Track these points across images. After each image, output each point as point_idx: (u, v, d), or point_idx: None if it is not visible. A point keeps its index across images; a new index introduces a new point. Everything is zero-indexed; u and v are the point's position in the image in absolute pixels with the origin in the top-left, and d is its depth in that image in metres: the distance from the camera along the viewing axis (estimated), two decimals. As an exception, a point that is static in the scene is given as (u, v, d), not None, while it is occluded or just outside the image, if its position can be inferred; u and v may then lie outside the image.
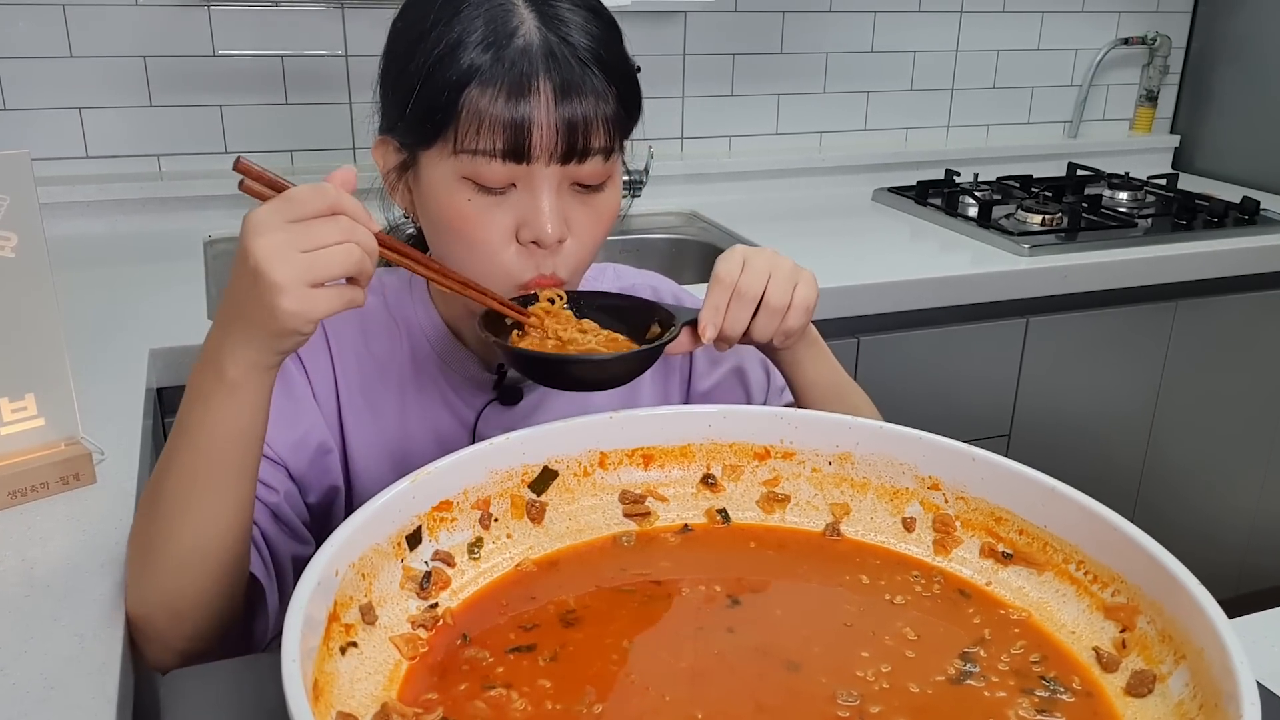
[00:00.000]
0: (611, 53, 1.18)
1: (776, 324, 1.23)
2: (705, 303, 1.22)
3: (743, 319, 1.22)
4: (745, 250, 1.24)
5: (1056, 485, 1.03)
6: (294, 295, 0.94)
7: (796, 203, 3.05)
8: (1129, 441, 2.84)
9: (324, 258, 0.95)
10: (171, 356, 1.83)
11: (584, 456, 1.15)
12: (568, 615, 1.00)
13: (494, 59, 1.12)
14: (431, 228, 1.23)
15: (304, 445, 1.30)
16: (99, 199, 2.51)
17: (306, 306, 0.95)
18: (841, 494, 1.17)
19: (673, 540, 1.14)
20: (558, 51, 1.13)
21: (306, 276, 0.94)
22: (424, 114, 1.16)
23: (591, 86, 1.14)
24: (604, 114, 1.15)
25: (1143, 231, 2.77)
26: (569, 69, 1.13)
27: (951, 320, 2.46)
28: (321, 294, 0.96)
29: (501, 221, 1.17)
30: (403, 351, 1.36)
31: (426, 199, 1.21)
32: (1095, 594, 0.99)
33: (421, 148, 1.19)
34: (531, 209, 1.16)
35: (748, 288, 1.21)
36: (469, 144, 1.14)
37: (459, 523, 1.06)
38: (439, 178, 1.18)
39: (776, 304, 1.22)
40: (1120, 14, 3.46)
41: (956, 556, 1.10)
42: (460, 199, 1.17)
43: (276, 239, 0.95)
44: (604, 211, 1.22)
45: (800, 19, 3.08)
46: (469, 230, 1.18)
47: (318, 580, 0.87)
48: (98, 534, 1.29)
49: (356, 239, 0.96)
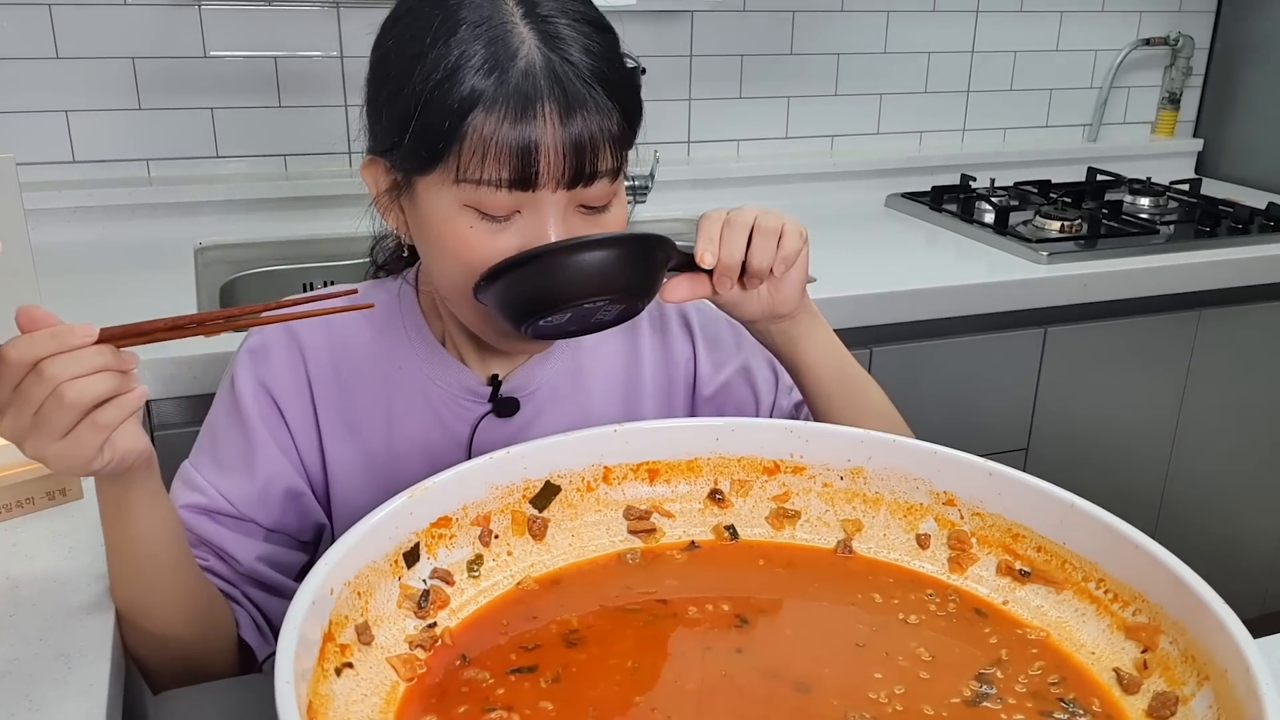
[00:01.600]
0: (614, 68, 1.17)
1: (773, 248, 1.23)
2: (698, 235, 1.22)
3: (739, 241, 1.22)
4: (723, 211, 1.25)
5: (1076, 501, 1.03)
6: (52, 462, 0.96)
7: (807, 209, 3.04)
8: (1151, 456, 2.83)
9: (50, 418, 0.94)
10: (161, 368, 1.83)
11: (587, 471, 1.15)
12: (570, 635, 1.00)
13: (497, 83, 1.10)
14: (429, 251, 1.22)
15: (268, 496, 1.31)
16: (86, 205, 2.51)
17: (70, 463, 0.97)
18: (854, 510, 1.17)
19: (679, 558, 1.14)
20: (560, 72, 1.11)
21: (48, 443, 0.95)
22: (423, 141, 1.14)
23: (595, 106, 1.13)
24: (609, 133, 1.14)
25: (1165, 238, 2.76)
26: (573, 90, 1.12)
27: (967, 330, 2.46)
28: (82, 441, 0.95)
29: (506, 249, 1.15)
30: (387, 367, 1.35)
31: (425, 225, 1.19)
32: (1116, 613, 0.99)
33: (418, 174, 1.17)
34: (537, 235, 1.15)
35: (738, 216, 1.23)
36: (473, 173, 1.12)
37: (458, 539, 1.07)
38: (439, 205, 1.16)
39: (769, 226, 1.23)
40: (1142, 14, 3.46)
41: (972, 574, 1.10)
42: (462, 226, 1.15)
43: (6, 421, 0.95)
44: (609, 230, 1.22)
45: (811, 19, 3.08)
46: (466, 255, 1.16)
47: (312, 599, 0.87)
48: (85, 551, 1.29)
49: (71, 376, 0.93)
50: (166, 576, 1.14)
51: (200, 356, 1.84)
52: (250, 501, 1.29)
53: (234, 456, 1.30)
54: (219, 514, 1.28)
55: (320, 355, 1.33)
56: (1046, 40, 3.39)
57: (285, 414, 1.32)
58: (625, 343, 1.42)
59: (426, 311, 1.36)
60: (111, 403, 0.95)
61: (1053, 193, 3.11)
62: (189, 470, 1.31)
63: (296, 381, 1.32)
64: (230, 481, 1.29)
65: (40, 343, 0.93)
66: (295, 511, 1.33)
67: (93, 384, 0.93)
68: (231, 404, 1.31)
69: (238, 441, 1.30)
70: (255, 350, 1.32)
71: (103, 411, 0.94)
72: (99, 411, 0.94)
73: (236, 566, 1.28)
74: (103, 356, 0.94)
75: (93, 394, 0.93)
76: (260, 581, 1.30)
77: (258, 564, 1.29)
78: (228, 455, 1.30)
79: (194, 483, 1.29)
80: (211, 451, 1.32)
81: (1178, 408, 2.79)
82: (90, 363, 0.93)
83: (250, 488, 1.29)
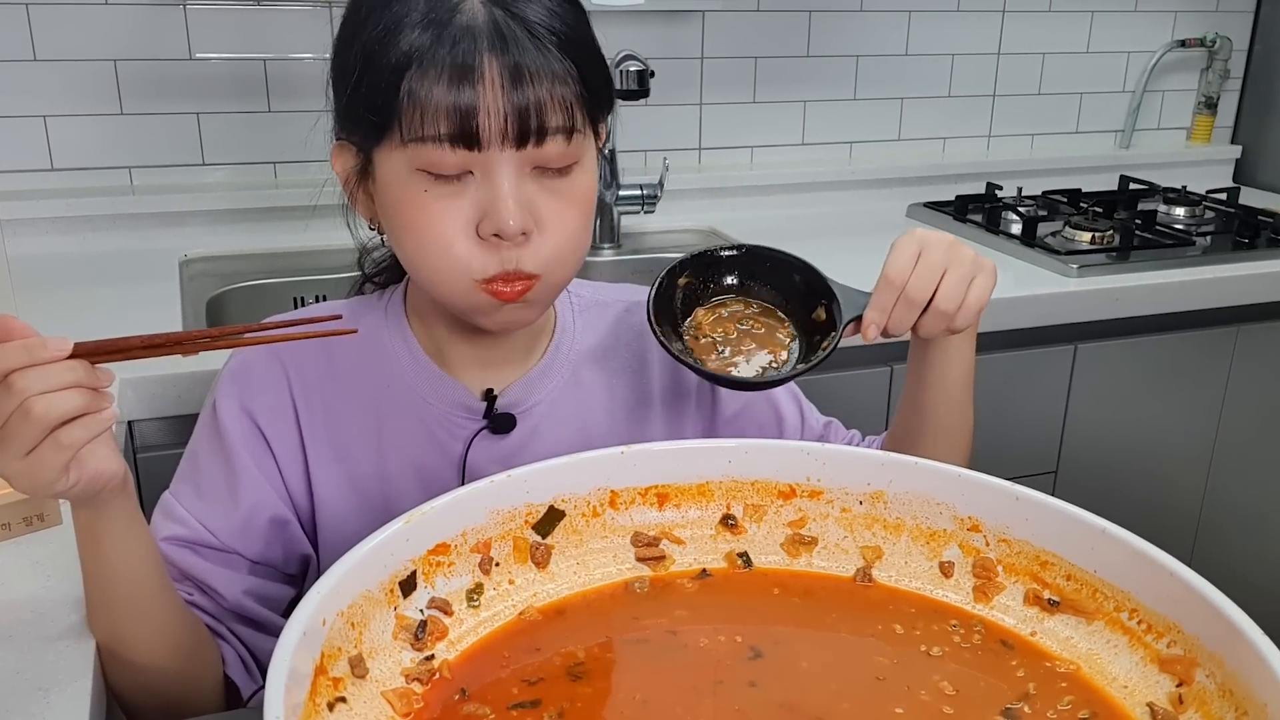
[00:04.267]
0: (572, 28, 1.18)
1: (944, 325, 1.28)
2: (872, 301, 1.27)
3: (909, 320, 1.27)
4: (922, 238, 1.28)
5: (1107, 526, 1.04)
6: (15, 480, 0.97)
7: (824, 219, 3.06)
8: (1186, 479, 2.83)
9: (15, 433, 0.94)
10: (144, 387, 1.83)
11: (593, 495, 1.15)
12: (575, 668, 1.00)
13: (433, 39, 1.12)
14: (390, 229, 1.24)
15: (252, 525, 1.31)
16: (65, 215, 2.52)
17: (32, 481, 0.97)
18: (873, 536, 1.17)
19: (690, 586, 1.14)
20: (505, 28, 1.13)
21: (10, 459, 0.95)
22: (366, 105, 1.16)
23: (545, 65, 1.14)
24: (563, 91, 1.15)
25: (1201, 250, 2.77)
26: (519, 47, 1.13)
27: (992, 347, 2.45)
28: (45, 460, 0.95)
29: (460, 213, 1.17)
30: (376, 385, 1.35)
31: (384, 198, 1.21)
32: (1149, 645, 0.99)
33: (373, 145, 1.19)
34: (490, 198, 1.16)
35: (916, 291, 1.25)
36: (415, 131, 1.13)
37: (457, 567, 1.07)
38: (393, 172, 1.18)
39: (946, 307, 1.26)
40: (1177, 14, 3.47)
41: (998, 604, 1.11)
42: (416, 191, 1.17)
43: None
44: (574, 198, 1.22)
45: (828, 19, 3.09)
46: (423, 222, 1.18)
47: (303, 630, 0.87)
48: (63, 580, 1.29)
49: (40, 390, 0.94)
50: (147, 607, 1.15)
51: (184, 375, 1.84)
52: (233, 532, 1.29)
53: (216, 485, 1.30)
54: (201, 546, 1.28)
55: (305, 375, 1.34)
56: (1077, 41, 3.39)
57: (269, 438, 1.32)
58: (632, 358, 1.43)
59: (415, 324, 1.37)
60: (78, 421, 0.95)
61: (1083, 202, 3.11)
62: (170, 501, 1.31)
63: (280, 404, 1.33)
64: (212, 512, 1.29)
65: (11, 354, 0.93)
66: (280, 541, 1.33)
67: (61, 400, 0.94)
68: (213, 430, 1.32)
69: (220, 469, 1.31)
70: (237, 372, 1.33)
71: (68, 430, 0.95)
72: (64, 430, 0.95)
73: (221, 601, 1.28)
74: (75, 372, 0.95)
75: (60, 410, 0.94)
76: (246, 617, 1.30)
77: (243, 598, 1.29)
78: (210, 484, 1.31)
79: (175, 514, 1.29)
80: (193, 480, 1.32)
81: (1215, 429, 2.79)
82: (61, 378, 0.94)
83: (233, 517, 1.29)
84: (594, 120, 1.23)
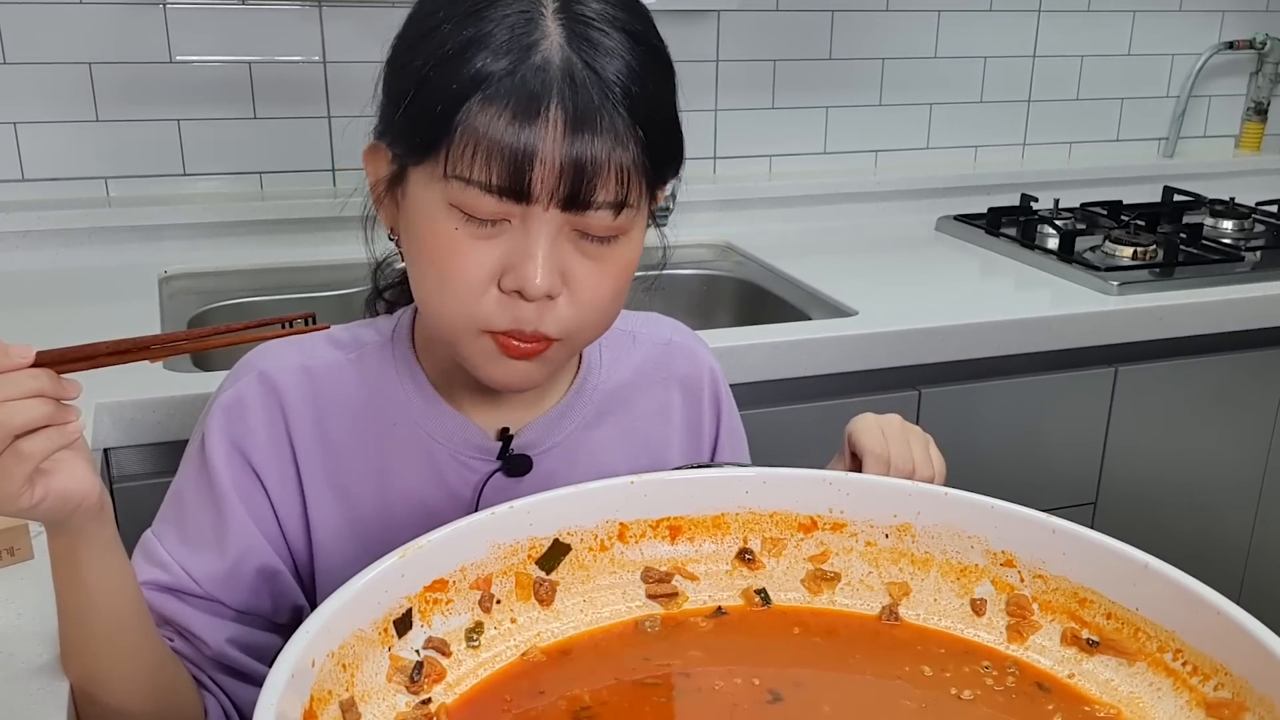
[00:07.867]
0: (646, 90, 1.15)
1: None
2: None
3: None
4: (875, 419, 1.36)
5: (1150, 561, 1.04)
6: None
7: (847, 233, 3.06)
8: (1235, 510, 2.82)
9: None
10: (121, 412, 1.84)
11: (600, 528, 1.15)
12: (582, 713, 1.00)
13: (505, 71, 1.10)
14: (410, 255, 1.23)
15: (239, 574, 1.29)
16: (37, 228, 2.52)
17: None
18: (900, 571, 1.17)
19: (704, 625, 1.14)
20: (580, 77, 1.10)
21: None
22: (416, 124, 1.14)
23: (610, 123, 1.11)
24: (622, 159, 1.13)
25: (1250, 266, 2.77)
26: (586, 97, 1.10)
27: (1028, 370, 2.46)
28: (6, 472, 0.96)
29: (486, 261, 1.15)
30: (380, 422, 1.34)
31: (411, 219, 1.19)
32: (1195, 688, 0.99)
33: (411, 162, 1.17)
34: (521, 253, 1.14)
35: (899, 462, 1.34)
36: (461, 170, 1.11)
37: (455, 605, 1.07)
38: (427, 198, 1.16)
39: (924, 476, 1.34)
40: (1224, 14, 3.47)
41: (1034, 644, 1.11)
42: (446, 226, 1.14)
43: None
44: (612, 268, 1.20)
45: (852, 19, 3.10)
46: (447, 264, 1.16)
47: (291, 671, 0.87)
48: (35, 616, 1.29)
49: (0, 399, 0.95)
50: (125, 644, 1.15)
51: (165, 400, 1.84)
52: (218, 581, 1.28)
53: (203, 530, 1.29)
54: (184, 593, 1.27)
55: (302, 410, 1.32)
56: (1117, 43, 3.40)
57: (263, 479, 1.30)
58: (656, 401, 1.44)
59: (423, 356, 1.36)
60: (41, 432, 0.96)
61: (1124, 215, 3.12)
62: (151, 542, 1.30)
63: (275, 441, 1.31)
64: (197, 559, 1.28)
65: None
66: (269, 592, 1.32)
67: (22, 409, 0.94)
68: (201, 467, 1.30)
69: (207, 512, 1.29)
70: (229, 407, 1.31)
71: (30, 440, 0.95)
72: (26, 440, 0.95)
73: (204, 649, 1.27)
74: (37, 381, 0.96)
75: (21, 420, 0.94)
76: (230, 666, 1.29)
77: (227, 646, 1.28)
78: (196, 528, 1.29)
79: (157, 557, 1.28)
80: (178, 522, 1.31)
81: (1265, 457, 2.79)
82: (23, 386, 0.95)
83: (219, 565, 1.28)
84: (652, 189, 1.21)
